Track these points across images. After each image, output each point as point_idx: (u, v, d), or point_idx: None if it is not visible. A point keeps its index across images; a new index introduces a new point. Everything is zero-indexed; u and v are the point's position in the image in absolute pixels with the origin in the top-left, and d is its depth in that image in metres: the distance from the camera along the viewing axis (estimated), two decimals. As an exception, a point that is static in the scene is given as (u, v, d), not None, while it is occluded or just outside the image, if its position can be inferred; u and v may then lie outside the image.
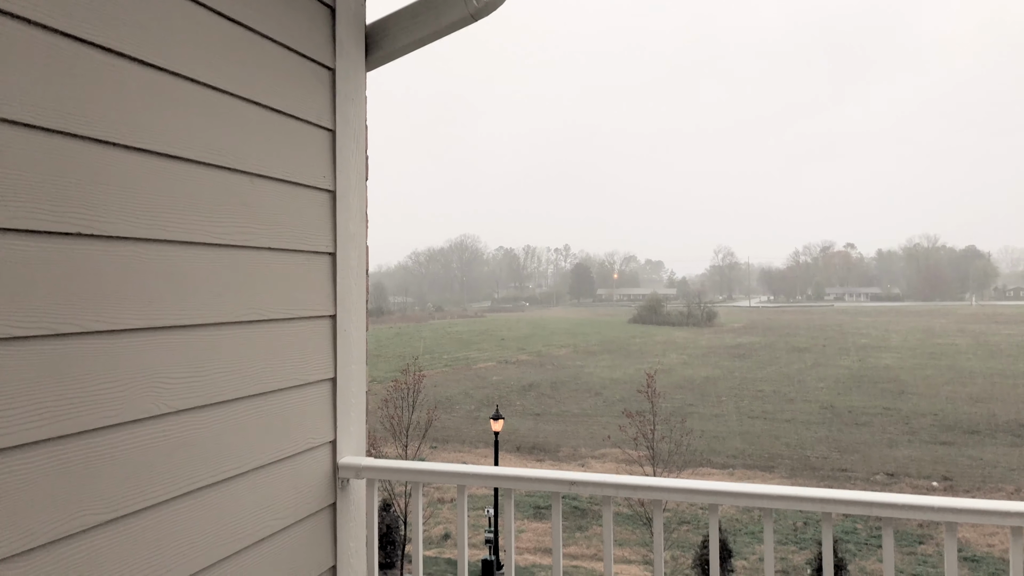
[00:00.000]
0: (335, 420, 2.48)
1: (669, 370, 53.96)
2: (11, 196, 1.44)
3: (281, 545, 2.21)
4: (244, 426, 2.07)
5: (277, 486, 2.20)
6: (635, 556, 23.55)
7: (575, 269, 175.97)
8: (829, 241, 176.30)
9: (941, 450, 33.64)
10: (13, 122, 1.44)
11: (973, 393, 44.82)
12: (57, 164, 1.53)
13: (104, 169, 1.64)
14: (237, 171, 2.04)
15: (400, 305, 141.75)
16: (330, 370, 2.46)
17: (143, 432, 1.74)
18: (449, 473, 2.41)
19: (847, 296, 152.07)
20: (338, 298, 2.49)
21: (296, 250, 2.30)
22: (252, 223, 2.10)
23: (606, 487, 2.23)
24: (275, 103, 2.18)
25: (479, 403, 44.91)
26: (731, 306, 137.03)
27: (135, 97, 1.71)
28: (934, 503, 1.97)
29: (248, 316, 2.08)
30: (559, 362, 61.52)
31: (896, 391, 46.33)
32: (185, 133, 1.86)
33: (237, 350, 2.05)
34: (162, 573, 1.78)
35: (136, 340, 1.72)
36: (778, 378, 52.11)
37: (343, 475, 2.48)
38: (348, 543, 2.51)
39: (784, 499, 2.09)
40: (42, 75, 1.50)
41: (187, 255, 1.87)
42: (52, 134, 1.52)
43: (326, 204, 2.45)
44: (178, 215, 1.83)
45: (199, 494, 1.90)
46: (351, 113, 2.57)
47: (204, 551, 1.91)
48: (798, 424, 39.09)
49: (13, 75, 1.44)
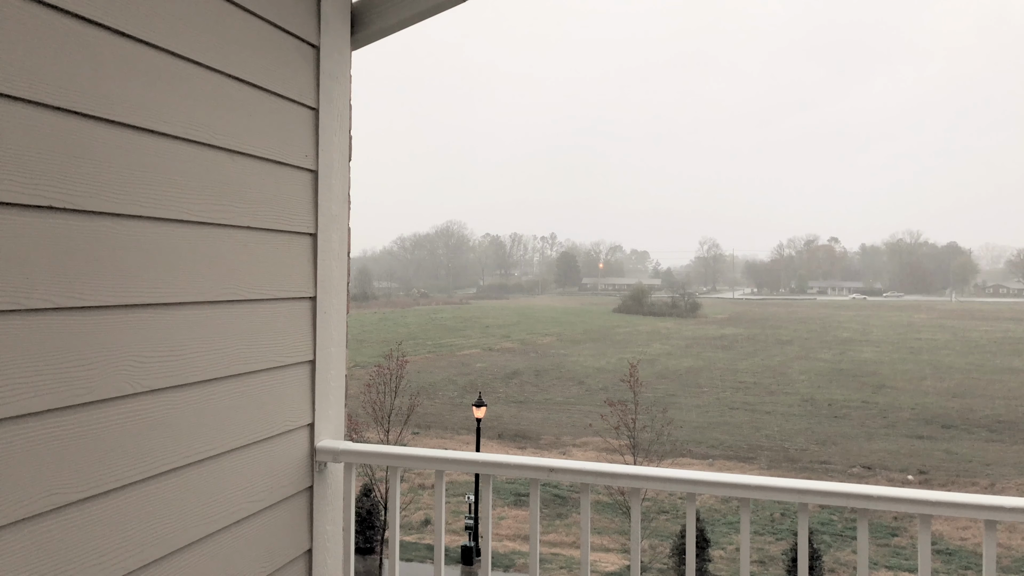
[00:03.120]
0: (313, 403, 2.45)
1: (652, 360, 54.29)
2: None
3: (256, 528, 2.19)
4: (220, 407, 2.04)
5: (253, 468, 2.17)
6: (613, 544, 23.74)
7: (561, 257, 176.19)
8: (814, 235, 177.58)
9: (918, 444, 34.10)
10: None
11: (951, 388, 45.43)
12: (27, 135, 1.49)
13: (77, 141, 1.60)
14: (216, 148, 2.00)
15: (385, 290, 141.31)
16: (309, 352, 2.43)
17: (117, 411, 1.71)
18: (427, 458, 2.40)
19: (830, 290, 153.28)
20: (319, 280, 2.46)
21: (276, 230, 2.26)
22: (231, 201, 2.06)
23: (585, 475, 2.22)
24: (256, 79, 2.14)
25: (462, 390, 44.97)
26: (715, 297, 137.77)
27: (110, 68, 1.67)
28: (909, 495, 1.98)
29: (226, 296, 2.05)
30: (543, 350, 61.69)
31: (875, 384, 46.88)
32: (161, 107, 1.81)
33: (214, 330, 2.02)
34: (135, 553, 1.75)
35: (110, 317, 1.68)
36: (760, 370, 52.56)
37: (320, 459, 2.45)
38: (325, 527, 2.50)
39: (761, 489, 2.09)
40: (11, 43, 1.45)
41: (163, 232, 1.83)
42: (22, 104, 1.47)
43: (308, 184, 2.41)
44: (153, 191, 1.79)
45: (173, 475, 1.87)
46: (335, 92, 2.53)
47: (178, 532, 1.88)
48: (779, 416, 39.48)
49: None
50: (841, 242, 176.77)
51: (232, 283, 2.08)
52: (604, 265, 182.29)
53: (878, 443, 34.17)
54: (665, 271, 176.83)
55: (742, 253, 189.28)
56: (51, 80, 1.53)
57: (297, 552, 2.38)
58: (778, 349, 62.68)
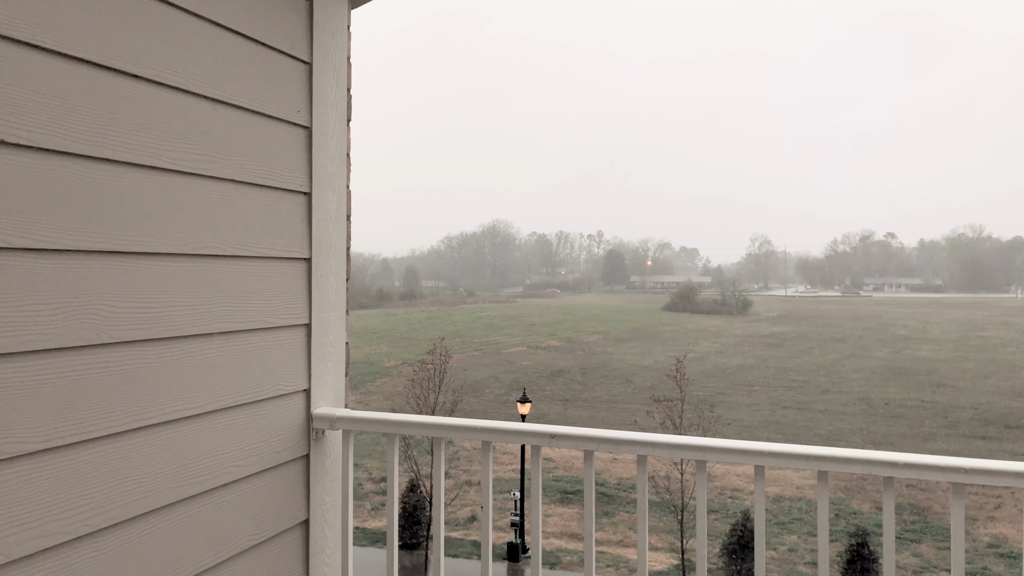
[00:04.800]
0: (309, 368, 2.36)
1: (701, 358, 53.41)
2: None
3: (243, 493, 2.10)
4: (202, 365, 1.97)
5: (240, 431, 2.09)
6: (662, 543, 23.37)
7: (608, 255, 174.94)
8: (869, 230, 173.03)
9: (980, 444, 32.79)
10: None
11: (1015, 387, 43.60)
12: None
13: (36, 77, 1.53)
14: (195, 95, 1.92)
15: (432, 289, 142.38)
16: (304, 316, 2.34)
17: (81, 360, 1.64)
18: (427, 424, 2.29)
19: (886, 287, 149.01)
20: (314, 241, 2.37)
21: (264, 186, 2.18)
22: (213, 152, 1.98)
23: (588, 441, 2.09)
24: (241, 27, 2.06)
25: (508, 387, 44.91)
26: (767, 295, 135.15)
27: (73, 2, 1.60)
28: (939, 462, 1.80)
29: (207, 250, 1.97)
30: (589, 348, 61.28)
31: (935, 383, 45.28)
32: (131, 47, 1.74)
33: (195, 284, 1.94)
34: (104, 511, 1.68)
35: (71, 262, 1.61)
36: (812, 368, 51.26)
37: (317, 426, 2.37)
38: (323, 497, 2.41)
39: (777, 456, 1.93)
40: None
41: (132, 178, 1.76)
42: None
43: (300, 140, 2.32)
44: (122, 134, 1.72)
45: (147, 432, 1.80)
46: (330, 47, 2.44)
47: (152, 491, 1.81)
48: (832, 415, 38.42)
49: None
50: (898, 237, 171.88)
51: (214, 237, 2.00)
52: (652, 263, 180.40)
53: (937, 443, 32.97)
54: (715, 268, 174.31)
55: (794, 250, 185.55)
56: (8, 11, 1.47)
57: (292, 522, 2.30)
58: (831, 347, 61.07)
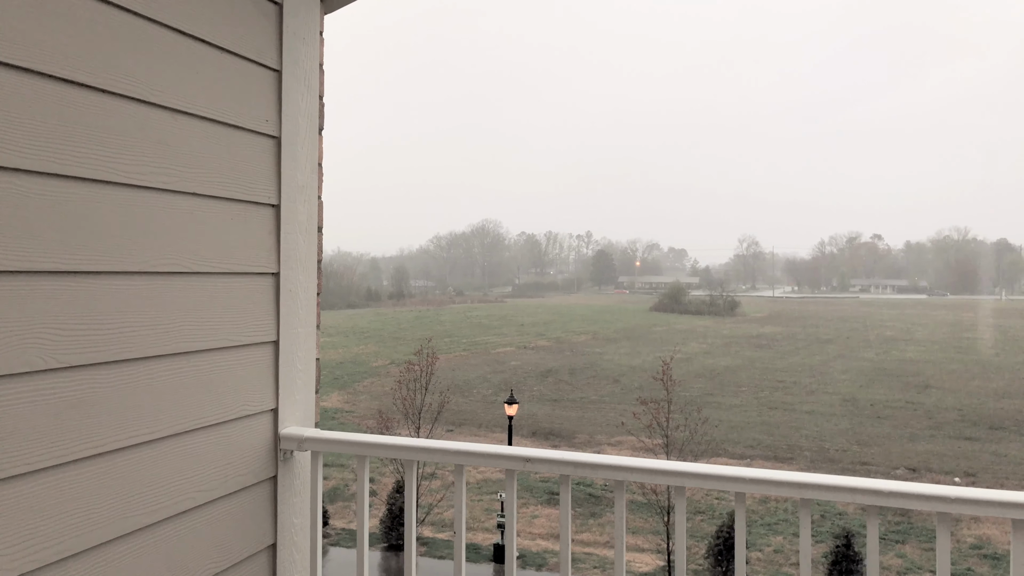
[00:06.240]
0: (277, 387, 2.28)
1: (689, 359, 53.51)
2: None
3: (206, 520, 2.02)
4: (161, 388, 1.88)
5: (202, 455, 2.01)
6: (648, 544, 23.36)
7: (597, 256, 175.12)
8: (856, 232, 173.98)
9: (965, 445, 32.98)
10: None
11: (1000, 388, 43.91)
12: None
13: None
14: (154, 105, 1.84)
15: (421, 289, 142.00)
16: (272, 332, 2.26)
17: (25, 388, 1.55)
18: (396, 447, 2.21)
19: (873, 288, 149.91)
20: (282, 255, 2.29)
21: (230, 199, 2.09)
22: (173, 165, 1.90)
23: (563, 465, 2.02)
24: (203, 33, 1.97)
25: (496, 387, 44.81)
26: (754, 296, 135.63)
27: (16, 8, 1.51)
28: (925, 491, 1.73)
29: (167, 267, 1.89)
30: (578, 348, 61.25)
31: (920, 385, 45.53)
32: (83, 56, 1.65)
33: (153, 304, 1.86)
34: (52, 545, 1.60)
35: (13, 283, 1.53)
36: (800, 369, 51.44)
37: (285, 446, 2.28)
38: (291, 520, 2.33)
39: (758, 483, 1.87)
40: None
41: (82, 192, 1.67)
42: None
43: (269, 151, 2.24)
44: (71, 148, 1.63)
45: (100, 460, 1.71)
46: (301, 53, 2.35)
47: (105, 522, 1.72)
48: (818, 416, 38.54)
49: None
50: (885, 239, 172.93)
51: (176, 253, 1.91)
52: (641, 263, 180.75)
53: (923, 444, 33.13)
54: (703, 269, 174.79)
55: (782, 251, 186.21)
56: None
57: (258, 547, 2.22)
58: (818, 348, 61.32)
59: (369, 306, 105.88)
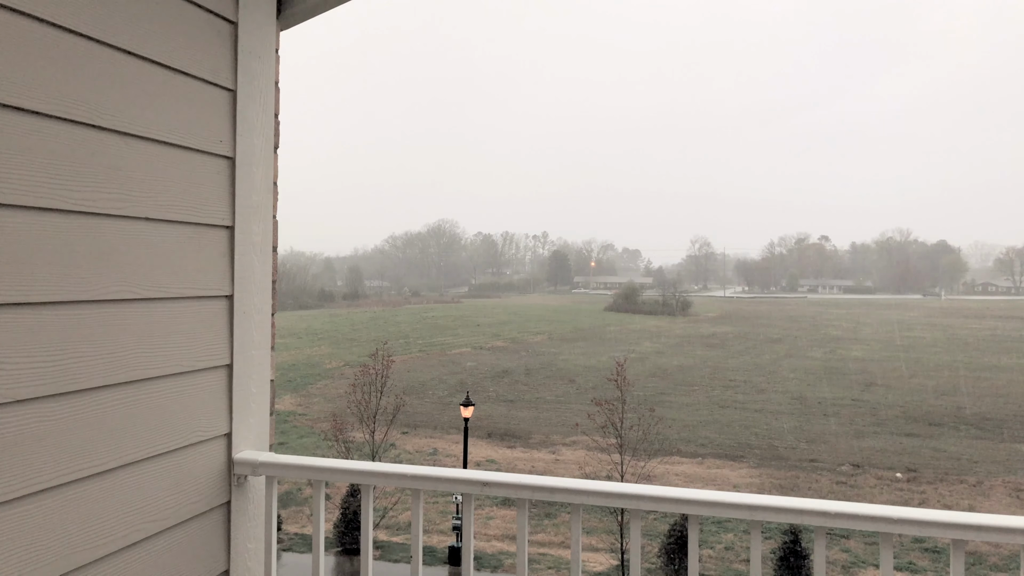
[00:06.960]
0: (231, 411, 2.25)
1: (643, 358, 54.15)
2: None
3: (158, 550, 1.98)
4: (112, 418, 1.84)
5: (154, 484, 1.97)
6: (602, 544, 23.57)
7: (553, 256, 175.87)
8: (804, 233, 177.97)
9: (906, 441, 34.06)
10: None
11: (939, 385, 45.44)
12: None
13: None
14: (105, 129, 1.80)
15: (376, 289, 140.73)
16: (225, 356, 2.23)
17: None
18: (353, 471, 2.21)
19: (820, 288, 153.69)
20: (236, 277, 2.26)
21: (183, 222, 2.06)
22: (124, 189, 1.86)
23: (520, 488, 2.04)
24: (154, 54, 1.93)
25: (452, 389, 44.69)
26: (706, 296, 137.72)
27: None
28: (869, 512, 1.80)
29: (116, 294, 1.85)
30: (534, 349, 61.45)
31: (865, 383, 46.85)
32: (34, 82, 1.61)
33: (104, 332, 1.82)
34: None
35: (-42, 318, 1.48)
36: (750, 368, 52.48)
37: (239, 471, 2.25)
38: (245, 544, 2.30)
39: (707, 505, 1.91)
40: None
41: (32, 223, 1.63)
42: None
43: (223, 172, 2.21)
44: (19, 175, 1.59)
45: (49, 495, 1.67)
46: (257, 71, 2.32)
47: (58, 558, 1.68)
48: (768, 414, 39.38)
49: None
50: (832, 240, 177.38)
51: (125, 280, 1.87)
52: (596, 263, 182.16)
53: (867, 441, 34.12)
54: (657, 269, 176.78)
55: (733, 251, 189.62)
56: None
57: (212, 574, 2.18)
58: (768, 347, 62.63)
59: (323, 307, 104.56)
